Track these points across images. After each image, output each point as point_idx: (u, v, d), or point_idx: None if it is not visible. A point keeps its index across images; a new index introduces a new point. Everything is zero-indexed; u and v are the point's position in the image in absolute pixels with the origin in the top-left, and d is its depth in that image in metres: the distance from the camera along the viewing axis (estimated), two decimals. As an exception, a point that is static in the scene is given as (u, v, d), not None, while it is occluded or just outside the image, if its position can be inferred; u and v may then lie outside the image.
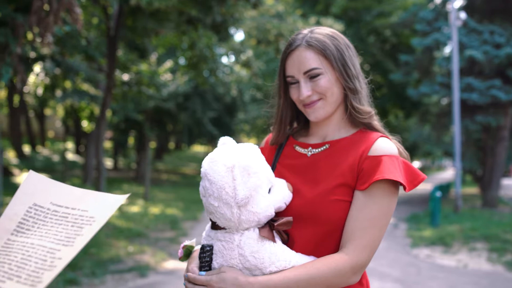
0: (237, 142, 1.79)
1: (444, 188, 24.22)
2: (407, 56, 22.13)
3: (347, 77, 1.83)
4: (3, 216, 1.34)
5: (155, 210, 15.06)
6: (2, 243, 1.28)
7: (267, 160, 1.85)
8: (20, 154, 26.01)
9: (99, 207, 1.33)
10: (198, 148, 51.20)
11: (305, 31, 1.88)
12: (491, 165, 19.53)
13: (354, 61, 1.87)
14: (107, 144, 32.31)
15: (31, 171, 1.45)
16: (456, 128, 16.88)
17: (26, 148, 29.41)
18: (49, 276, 1.17)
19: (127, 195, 1.39)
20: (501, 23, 18.97)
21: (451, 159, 20.76)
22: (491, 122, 18.11)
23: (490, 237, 11.74)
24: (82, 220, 1.29)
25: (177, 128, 30.66)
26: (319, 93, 1.82)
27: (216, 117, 28.26)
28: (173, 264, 8.59)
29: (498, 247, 10.70)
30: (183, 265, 1.81)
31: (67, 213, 1.33)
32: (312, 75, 1.81)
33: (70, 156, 29.86)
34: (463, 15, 18.95)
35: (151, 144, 30.03)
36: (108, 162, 30.20)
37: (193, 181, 27.71)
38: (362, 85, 1.89)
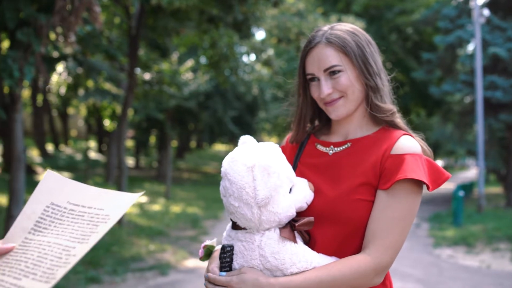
0: (258, 141, 1.77)
1: (467, 187, 23.93)
2: (429, 54, 21.94)
3: (368, 74, 1.79)
4: (21, 215, 1.35)
5: (176, 208, 15.12)
6: (19, 241, 1.29)
7: (288, 159, 1.83)
8: (43, 153, 26.40)
9: (114, 205, 1.33)
10: (219, 147, 51.31)
11: (325, 28, 1.85)
12: (516, 164, 19.26)
13: (376, 57, 1.83)
14: (129, 143, 32.47)
15: (48, 170, 1.46)
16: (479, 127, 16.67)
17: (50, 147, 29.81)
18: (62, 272, 1.17)
19: (141, 193, 1.39)
20: (526, 20, 18.71)
21: (474, 158, 20.46)
22: (515, 121, 17.87)
23: (515, 238, 11.58)
24: (98, 218, 1.30)
25: (198, 127, 30.75)
26: (340, 91, 1.79)
27: (237, 116, 28.30)
28: (193, 262, 8.61)
29: (523, 247, 10.56)
30: (203, 263, 1.81)
31: (83, 211, 1.33)
32: (332, 72, 1.78)
33: (93, 154, 30.17)
34: (486, 12, 18.76)
35: (173, 143, 30.14)
36: (130, 161, 30.43)
37: (214, 180, 27.78)
38: (384, 82, 1.85)
